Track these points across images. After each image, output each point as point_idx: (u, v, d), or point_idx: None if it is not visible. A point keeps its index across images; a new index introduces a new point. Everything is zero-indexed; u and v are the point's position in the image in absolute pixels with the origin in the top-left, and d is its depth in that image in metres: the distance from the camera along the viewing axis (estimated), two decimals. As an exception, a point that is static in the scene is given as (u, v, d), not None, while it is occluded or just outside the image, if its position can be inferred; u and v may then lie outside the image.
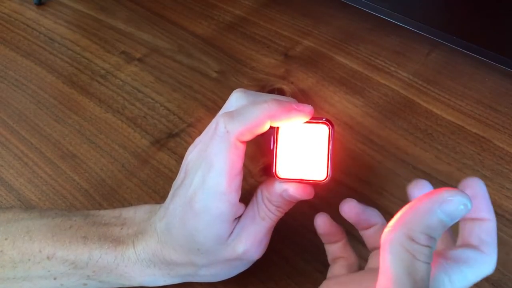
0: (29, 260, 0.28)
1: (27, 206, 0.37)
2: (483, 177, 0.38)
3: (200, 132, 0.29)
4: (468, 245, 0.24)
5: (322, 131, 0.26)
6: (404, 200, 0.36)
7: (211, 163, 0.26)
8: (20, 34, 0.52)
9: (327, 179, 0.26)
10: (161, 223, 0.28)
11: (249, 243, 0.28)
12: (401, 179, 0.38)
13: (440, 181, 0.37)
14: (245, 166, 0.27)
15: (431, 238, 0.20)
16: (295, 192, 0.27)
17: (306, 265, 0.33)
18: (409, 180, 0.38)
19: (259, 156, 0.38)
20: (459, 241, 0.26)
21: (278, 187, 0.27)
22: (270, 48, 0.50)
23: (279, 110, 0.26)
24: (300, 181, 0.27)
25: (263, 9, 0.55)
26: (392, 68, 0.47)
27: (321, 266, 0.33)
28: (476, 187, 0.25)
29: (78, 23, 0.53)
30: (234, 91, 0.28)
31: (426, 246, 0.20)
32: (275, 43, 0.50)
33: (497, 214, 0.35)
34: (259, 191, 0.29)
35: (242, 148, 0.26)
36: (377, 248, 0.27)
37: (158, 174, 0.39)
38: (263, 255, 0.32)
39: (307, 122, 0.26)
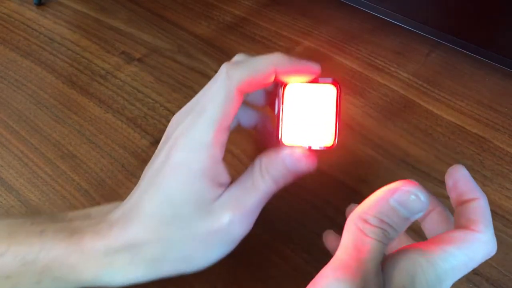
0: None
1: (27, 206, 0.37)
2: (483, 178, 0.38)
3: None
4: (457, 228, 0.24)
5: (329, 92, 0.25)
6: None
7: (203, 108, 0.24)
8: (20, 34, 0.52)
9: (335, 144, 0.25)
10: (128, 202, 0.26)
11: (237, 212, 0.25)
12: (401, 179, 0.38)
13: (440, 181, 0.37)
14: (244, 165, 0.27)
15: (383, 222, 0.21)
16: (300, 157, 0.25)
17: (306, 265, 0.33)
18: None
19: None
20: None
21: (282, 153, 0.25)
22: (270, 48, 0.50)
23: (286, 61, 0.24)
24: (306, 148, 0.25)
25: (263, 9, 0.55)
26: (392, 69, 0.47)
27: (322, 266, 0.33)
28: (456, 174, 0.26)
29: (78, 23, 0.53)
30: (237, 54, 0.27)
31: (376, 227, 0.21)
32: (275, 43, 0.50)
33: (497, 214, 0.36)
34: (257, 161, 0.26)
35: (239, 102, 0.24)
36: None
37: (158, 174, 0.39)
38: (263, 256, 0.32)
39: (313, 82, 0.25)
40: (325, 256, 0.30)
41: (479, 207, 0.25)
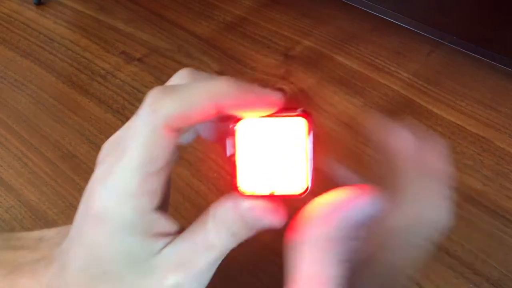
0: None
1: (26, 206, 0.37)
2: (484, 177, 0.38)
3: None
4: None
5: (297, 126, 0.20)
6: (404, 200, 0.36)
7: (124, 149, 0.19)
8: (20, 34, 0.52)
9: (306, 191, 0.20)
10: (64, 243, 0.22)
11: (185, 273, 0.20)
12: (401, 179, 0.38)
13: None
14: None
15: (347, 238, 0.19)
16: (263, 214, 0.20)
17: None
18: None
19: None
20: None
21: (240, 206, 0.20)
22: (270, 48, 0.50)
23: (232, 91, 0.19)
24: (270, 196, 0.20)
25: (263, 9, 0.55)
26: (393, 68, 0.47)
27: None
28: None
29: (78, 23, 0.53)
30: (180, 70, 0.22)
31: (339, 246, 0.19)
32: (275, 43, 0.50)
33: (497, 214, 0.36)
34: (211, 211, 0.21)
35: (171, 140, 0.19)
36: None
37: (158, 174, 0.39)
38: (262, 256, 0.32)
39: (277, 116, 0.20)
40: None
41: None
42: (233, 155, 0.20)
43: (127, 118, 0.43)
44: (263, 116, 0.20)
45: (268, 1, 0.55)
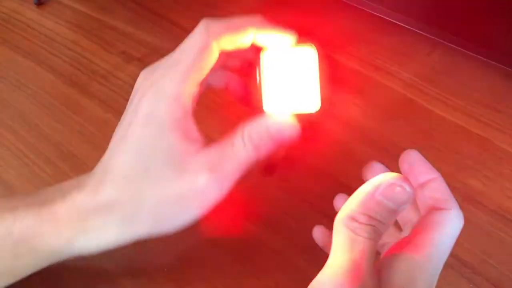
0: None
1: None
2: (484, 178, 0.38)
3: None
4: (428, 211, 0.24)
5: (308, 56, 0.25)
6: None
7: (177, 60, 0.24)
8: (20, 34, 0.52)
9: (319, 108, 0.25)
10: (98, 164, 0.26)
11: (214, 174, 0.24)
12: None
13: (440, 181, 0.37)
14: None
15: (372, 218, 0.21)
16: (284, 126, 0.25)
17: (306, 265, 0.33)
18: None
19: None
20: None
21: (266, 121, 0.25)
22: (271, 48, 0.50)
23: (264, 22, 0.25)
24: (291, 115, 0.25)
25: (264, 9, 0.55)
26: (393, 68, 0.47)
27: (322, 266, 0.33)
28: (410, 158, 0.26)
29: (78, 23, 0.53)
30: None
31: (366, 224, 0.21)
32: (275, 43, 0.50)
33: (498, 214, 0.36)
34: (239, 129, 0.25)
35: (215, 56, 0.24)
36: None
37: (158, 174, 0.39)
38: (263, 257, 0.32)
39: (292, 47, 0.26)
40: (325, 256, 0.30)
41: (441, 185, 0.25)
42: (260, 81, 0.25)
43: (127, 118, 0.43)
44: (281, 48, 0.25)
45: (268, 1, 0.55)
